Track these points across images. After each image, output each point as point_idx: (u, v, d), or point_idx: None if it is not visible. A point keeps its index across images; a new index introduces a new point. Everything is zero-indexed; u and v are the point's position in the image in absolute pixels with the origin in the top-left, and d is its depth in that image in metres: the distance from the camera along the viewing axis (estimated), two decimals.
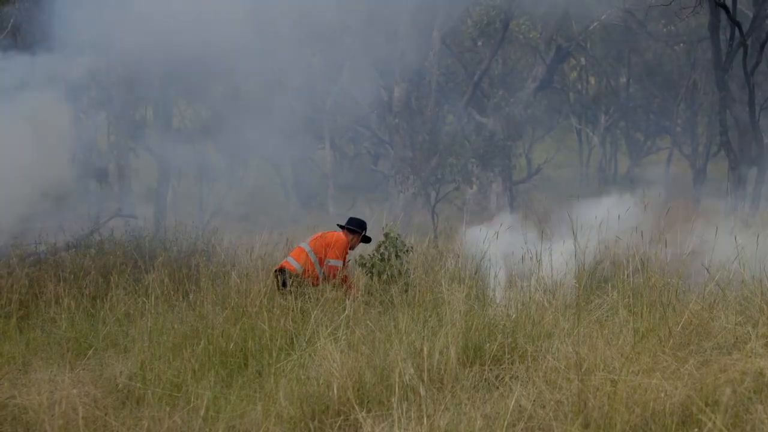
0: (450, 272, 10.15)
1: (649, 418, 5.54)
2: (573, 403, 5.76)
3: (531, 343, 7.08)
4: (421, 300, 8.57)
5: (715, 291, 8.18)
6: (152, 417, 6.31)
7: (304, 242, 9.70)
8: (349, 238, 9.73)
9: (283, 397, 6.29)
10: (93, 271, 10.89)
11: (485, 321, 7.44)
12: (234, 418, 6.24)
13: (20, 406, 6.48)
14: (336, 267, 9.44)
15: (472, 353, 7.03)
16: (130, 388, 6.97)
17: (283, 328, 7.84)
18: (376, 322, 7.65)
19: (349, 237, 9.75)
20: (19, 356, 8.21)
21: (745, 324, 7.17)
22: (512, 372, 6.74)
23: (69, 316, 9.13)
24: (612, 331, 7.15)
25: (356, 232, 9.80)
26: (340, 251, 9.51)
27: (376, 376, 6.44)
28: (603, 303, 8.25)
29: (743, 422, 5.52)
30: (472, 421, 5.68)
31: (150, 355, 7.56)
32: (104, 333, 8.59)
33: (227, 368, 7.40)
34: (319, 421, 6.11)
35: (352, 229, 9.80)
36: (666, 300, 7.90)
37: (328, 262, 9.44)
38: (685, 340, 6.81)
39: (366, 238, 9.91)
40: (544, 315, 7.79)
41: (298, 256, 9.50)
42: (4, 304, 9.87)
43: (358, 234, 9.82)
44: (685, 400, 5.61)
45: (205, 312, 8.39)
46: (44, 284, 10.52)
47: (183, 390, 6.79)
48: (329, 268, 9.44)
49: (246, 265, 11.38)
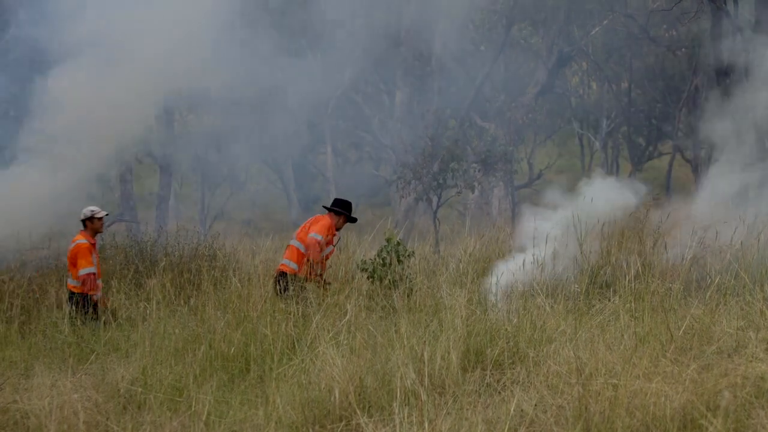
0: (451, 277, 10.16)
1: (650, 423, 5.54)
2: (574, 408, 5.76)
3: (532, 348, 7.09)
4: (422, 305, 8.57)
5: (716, 295, 8.18)
6: (154, 422, 6.31)
7: (292, 239, 9.76)
8: (334, 220, 9.76)
9: (284, 401, 6.29)
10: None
11: (486, 326, 7.45)
12: (235, 422, 6.24)
13: (22, 410, 6.48)
14: (317, 240, 9.42)
15: (474, 358, 7.03)
16: (131, 392, 6.97)
17: (285, 332, 7.83)
18: (378, 327, 7.65)
19: (335, 219, 9.79)
20: (21, 361, 8.23)
21: (746, 329, 7.18)
22: (513, 376, 6.74)
23: (71, 320, 9.14)
24: (613, 335, 7.16)
25: (341, 213, 9.83)
26: (324, 229, 9.55)
27: (378, 381, 6.44)
28: (604, 308, 8.25)
29: (744, 427, 5.52)
30: (474, 425, 5.69)
31: (151, 359, 7.56)
32: (106, 338, 8.60)
33: (229, 373, 7.40)
34: (320, 425, 6.12)
35: (338, 211, 9.84)
36: (667, 305, 7.91)
37: (310, 236, 9.45)
38: (687, 344, 6.81)
39: (352, 219, 9.93)
40: (545, 320, 7.79)
41: (291, 256, 9.56)
42: (6, 308, 9.88)
43: (344, 215, 9.84)
44: (686, 404, 5.61)
45: (207, 317, 8.39)
46: (46, 289, 10.53)
47: (184, 395, 6.79)
48: (310, 241, 9.42)
49: (248, 269, 11.39)
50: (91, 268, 9.52)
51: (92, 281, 9.51)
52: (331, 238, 9.71)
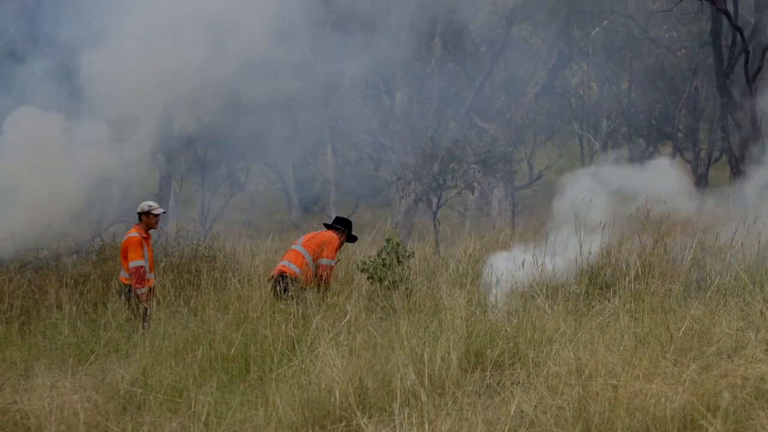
0: (451, 277, 10.16)
1: (650, 424, 5.54)
2: (574, 409, 5.77)
3: (532, 349, 7.09)
4: (422, 305, 8.58)
5: (716, 296, 8.19)
6: (153, 422, 6.32)
7: (297, 244, 9.77)
8: (341, 238, 9.86)
9: (284, 402, 6.29)
10: (94, 277, 10.90)
11: (486, 326, 7.45)
12: (235, 423, 6.24)
13: (22, 411, 6.48)
14: (329, 266, 9.59)
15: (474, 359, 7.03)
16: (131, 393, 6.98)
17: (285, 333, 7.84)
18: (378, 328, 7.66)
19: (341, 237, 9.86)
20: (21, 362, 8.23)
21: (746, 329, 7.18)
22: (513, 377, 6.75)
23: (71, 321, 9.14)
24: (613, 336, 7.16)
25: (344, 231, 9.90)
26: (333, 251, 9.68)
27: (378, 382, 6.44)
28: (604, 308, 8.25)
29: (744, 428, 5.52)
30: (474, 426, 5.69)
31: (151, 360, 7.56)
32: (106, 338, 8.60)
33: (229, 374, 7.40)
34: (320, 426, 6.12)
35: (341, 229, 9.89)
36: (667, 305, 7.91)
37: (321, 261, 9.58)
38: (686, 345, 6.81)
39: (352, 237, 10.02)
40: (545, 320, 7.79)
41: (295, 260, 9.56)
42: (6, 309, 9.88)
43: (345, 233, 9.93)
44: (686, 405, 5.61)
45: (207, 317, 8.39)
46: (46, 290, 10.53)
47: (184, 395, 6.79)
48: (322, 267, 9.57)
49: (248, 270, 11.39)
50: (140, 261, 9.59)
51: (141, 274, 9.56)
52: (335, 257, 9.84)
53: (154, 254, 10.19)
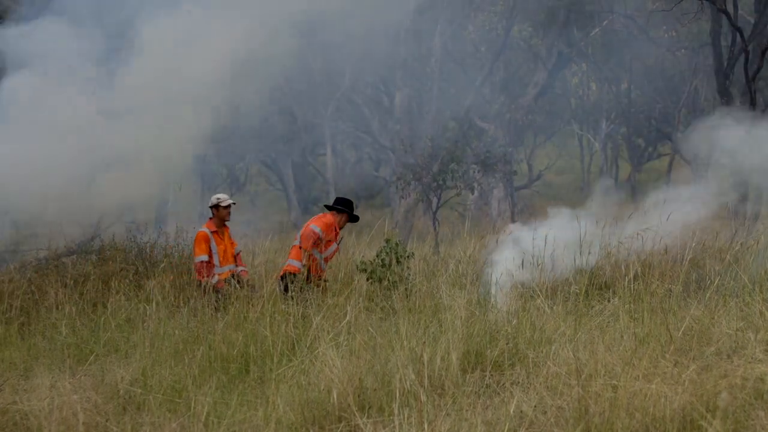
0: (451, 278, 10.15)
1: (649, 424, 5.54)
2: (574, 409, 5.76)
3: (532, 349, 7.09)
4: (422, 306, 8.57)
5: (715, 297, 8.18)
6: (153, 423, 6.32)
7: (295, 240, 9.80)
8: (336, 218, 9.80)
9: (284, 402, 6.29)
10: (94, 277, 10.89)
11: (486, 327, 7.44)
12: (235, 423, 6.24)
13: (21, 411, 6.48)
14: (313, 230, 9.53)
15: (473, 359, 7.03)
16: (131, 393, 6.97)
17: (285, 333, 7.84)
18: (377, 328, 7.65)
19: (337, 217, 9.82)
20: (20, 362, 8.23)
21: (745, 330, 7.18)
22: (513, 378, 6.75)
23: (70, 321, 9.13)
24: (613, 336, 7.16)
25: (343, 211, 9.87)
26: (322, 223, 9.66)
27: (377, 382, 6.44)
28: (604, 309, 8.25)
29: (744, 428, 5.52)
30: (473, 427, 5.69)
31: (151, 360, 7.56)
32: (105, 339, 8.59)
33: (228, 374, 7.40)
34: (319, 426, 6.12)
35: (340, 209, 9.87)
36: (667, 306, 7.90)
37: (308, 226, 9.60)
38: (686, 345, 6.81)
39: (354, 217, 9.96)
40: (545, 321, 7.79)
41: (296, 255, 9.60)
42: (6, 309, 9.88)
43: (346, 213, 9.87)
44: (685, 405, 5.61)
45: (207, 318, 8.39)
46: (45, 290, 10.52)
47: (184, 396, 6.79)
48: (307, 231, 9.53)
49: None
50: (203, 256, 9.67)
51: (204, 269, 9.58)
52: (333, 237, 9.75)
53: (224, 248, 10.07)
